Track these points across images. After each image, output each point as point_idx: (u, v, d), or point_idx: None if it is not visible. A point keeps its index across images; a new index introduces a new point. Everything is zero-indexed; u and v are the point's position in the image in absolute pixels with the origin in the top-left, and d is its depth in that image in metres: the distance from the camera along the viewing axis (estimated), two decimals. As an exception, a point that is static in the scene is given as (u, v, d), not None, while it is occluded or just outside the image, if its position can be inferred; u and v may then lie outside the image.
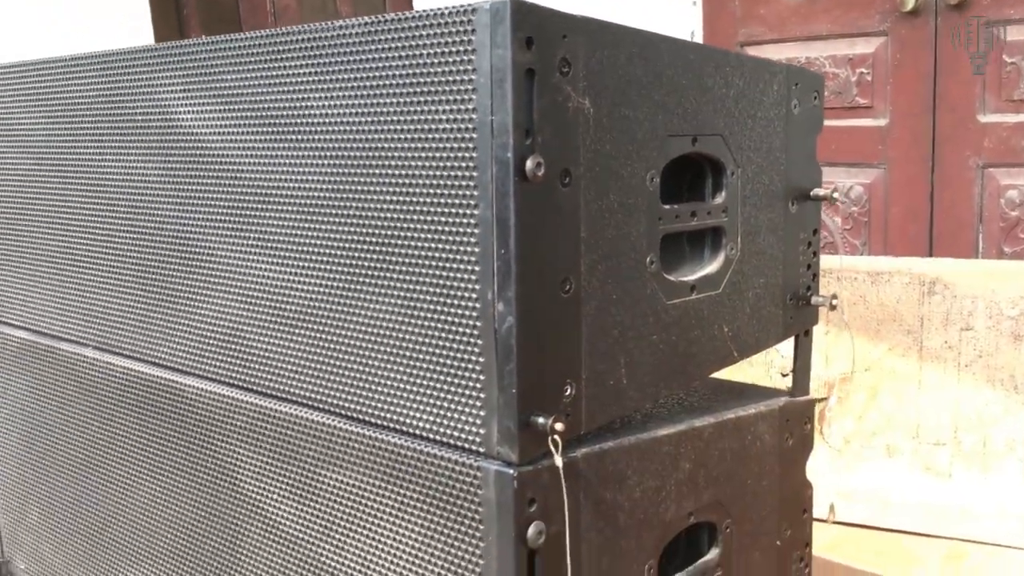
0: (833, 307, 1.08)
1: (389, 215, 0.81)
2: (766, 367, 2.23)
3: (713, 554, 0.98)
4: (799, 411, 1.08)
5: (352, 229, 0.84)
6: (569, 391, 0.79)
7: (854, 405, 2.16)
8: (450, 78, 0.74)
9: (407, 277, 0.80)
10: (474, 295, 0.75)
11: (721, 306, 0.96)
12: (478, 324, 0.76)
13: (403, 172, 0.79)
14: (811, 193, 1.06)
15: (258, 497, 0.99)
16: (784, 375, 2.18)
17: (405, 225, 0.79)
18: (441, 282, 0.78)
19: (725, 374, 1.12)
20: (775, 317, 1.04)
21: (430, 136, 0.76)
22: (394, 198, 0.80)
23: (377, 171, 0.81)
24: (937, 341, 2.05)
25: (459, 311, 0.77)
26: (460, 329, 0.77)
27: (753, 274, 1.00)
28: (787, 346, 1.11)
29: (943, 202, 2.34)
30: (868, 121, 2.41)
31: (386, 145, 0.80)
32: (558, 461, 0.76)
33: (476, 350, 0.76)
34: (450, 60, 0.74)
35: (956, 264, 2.10)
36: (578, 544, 0.80)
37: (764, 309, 1.02)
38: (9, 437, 1.39)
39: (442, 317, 0.78)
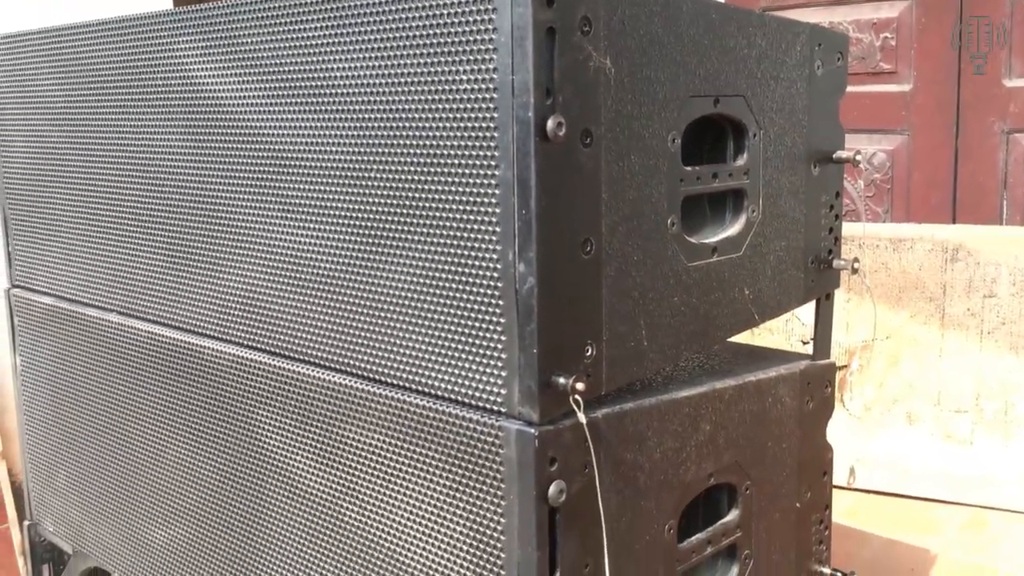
0: (855, 270, 1.07)
1: (409, 176, 0.81)
2: (787, 335, 2.22)
3: (733, 515, 0.98)
4: (820, 374, 1.07)
5: (373, 191, 0.84)
6: (590, 352, 0.79)
7: (875, 372, 2.15)
8: (470, 37, 0.74)
9: (428, 239, 0.80)
10: (495, 256, 0.76)
11: (742, 268, 0.96)
12: (499, 285, 0.76)
13: (423, 133, 0.79)
14: (833, 155, 1.05)
15: (281, 458, 1.00)
16: (805, 343, 2.18)
17: (425, 186, 0.80)
18: (462, 243, 0.78)
19: (746, 341, 1.12)
20: (796, 280, 1.04)
21: (450, 96, 0.76)
22: (414, 159, 0.80)
23: (397, 132, 0.81)
24: (959, 308, 2.04)
25: (480, 272, 0.77)
26: (481, 290, 0.77)
27: (774, 237, 0.99)
28: (807, 314, 1.11)
29: (967, 168, 2.31)
30: (892, 87, 2.38)
31: (406, 106, 0.80)
32: (581, 418, 0.76)
33: (497, 311, 0.76)
34: (470, 19, 0.74)
35: (979, 231, 2.08)
36: (598, 503, 0.81)
37: (785, 272, 1.02)
38: (35, 402, 1.41)
39: (463, 278, 0.78)
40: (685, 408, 0.90)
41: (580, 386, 0.75)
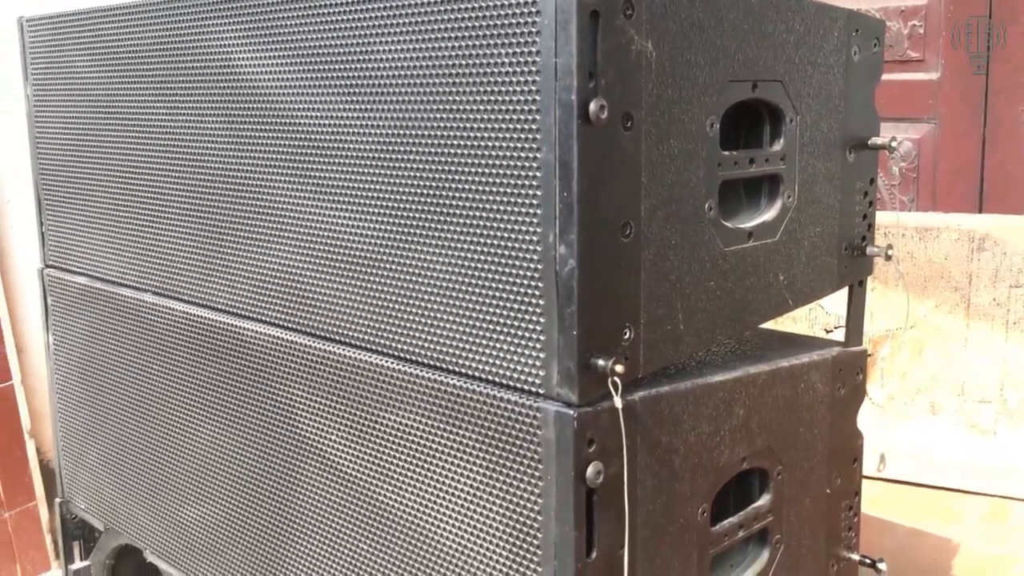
0: (888, 257, 1.07)
1: (451, 159, 0.81)
2: (810, 324, 2.22)
3: (764, 500, 0.99)
4: (851, 361, 1.08)
5: (413, 173, 0.85)
6: (628, 334, 0.80)
7: (899, 362, 2.15)
8: (514, 20, 0.74)
9: (468, 221, 0.81)
10: (535, 238, 0.76)
11: (777, 254, 0.96)
12: (539, 267, 0.76)
13: (466, 116, 0.79)
14: (869, 142, 1.05)
15: (316, 438, 1.01)
16: (828, 332, 2.17)
17: (467, 169, 0.80)
18: (503, 225, 0.78)
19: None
20: (830, 267, 1.04)
21: (493, 79, 0.76)
22: (456, 142, 0.80)
23: (439, 115, 0.81)
24: (985, 298, 2.03)
25: (520, 254, 0.77)
26: (521, 272, 0.78)
27: (809, 223, 0.99)
28: (831, 303, 1.11)
29: (994, 157, 2.30)
30: (919, 75, 2.37)
31: (449, 89, 0.80)
32: (618, 402, 0.77)
33: (537, 293, 0.77)
34: (514, 2, 0.74)
35: (1007, 220, 2.06)
36: (634, 485, 0.81)
37: (819, 258, 1.02)
38: (68, 381, 1.43)
39: (503, 260, 0.79)
40: (719, 392, 0.90)
41: (619, 368, 0.76)
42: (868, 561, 1.11)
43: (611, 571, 0.80)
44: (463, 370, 0.84)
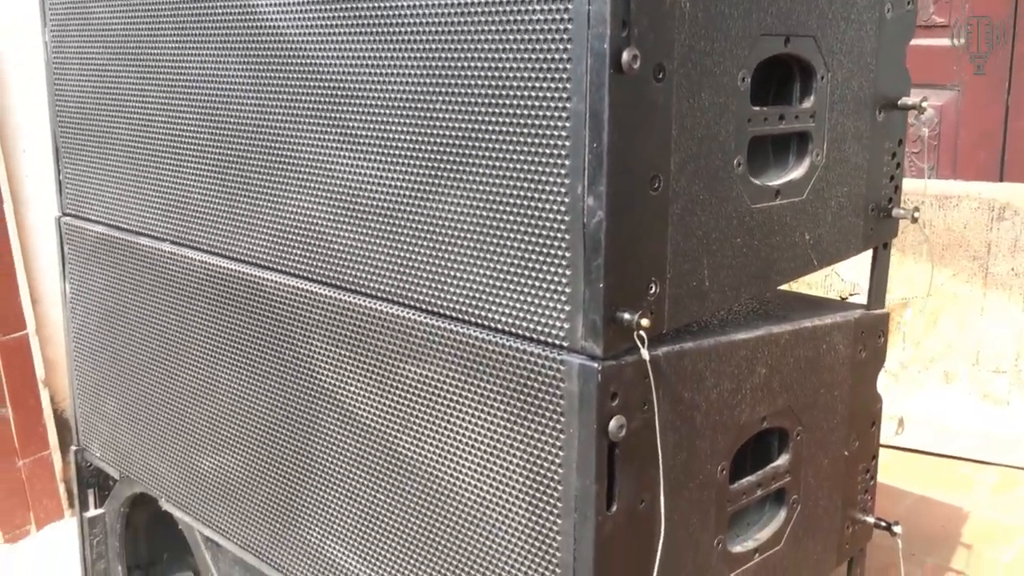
0: (915, 220, 1.06)
1: (477, 107, 0.80)
2: (824, 290, 2.21)
3: (783, 460, 0.99)
4: (874, 324, 1.07)
5: (442, 121, 0.84)
6: (654, 289, 0.79)
7: (913, 330, 2.14)
8: (547, -34, 0.73)
9: (494, 172, 0.80)
10: (563, 189, 0.75)
11: (803, 213, 0.95)
12: (566, 219, 0.75)
13: (496, 63, 0.78)
14: (899, 102, 1.03)
15: (335, 389, 1.01)
16: (843, 299, 2.16)
17: (494, 118, 0.79)
18: (530, 176, 0.77)
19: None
20: (856, 227, 1.03)
21: (524, 26, 0.75)
22: (483, 90, 0.79)
23: (467, 63, 0.80)
24: (1003, 267, 2.02)
25: (547, 205, 0.77)
26: (548, 223, 0.77)
27: (837, 182, 0.98)
28: (847, 270, 1.10)
29: (1017, 125, 2.27)
30: (943, 41, 2.33)
31: (480, 35, 0.79)
32: (645, 355, 0.77)
33: (563, 245, 0.76)
34: (548, -53, 0.72)
35: (1028, 189, 2.05)
36: (656, 440, 0.81)
37: (845, 218, 1.01)
38: (85, 329, 1.43)
39: (529, 212, 0.78)
40: (742, 350, 0.90)
41: (645, 322, 0.75)
42: (884, 524, 1.11)
43: (631, 525, 0.80)
44: (487, 323, 0.84)
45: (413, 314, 0.90)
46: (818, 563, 1.06)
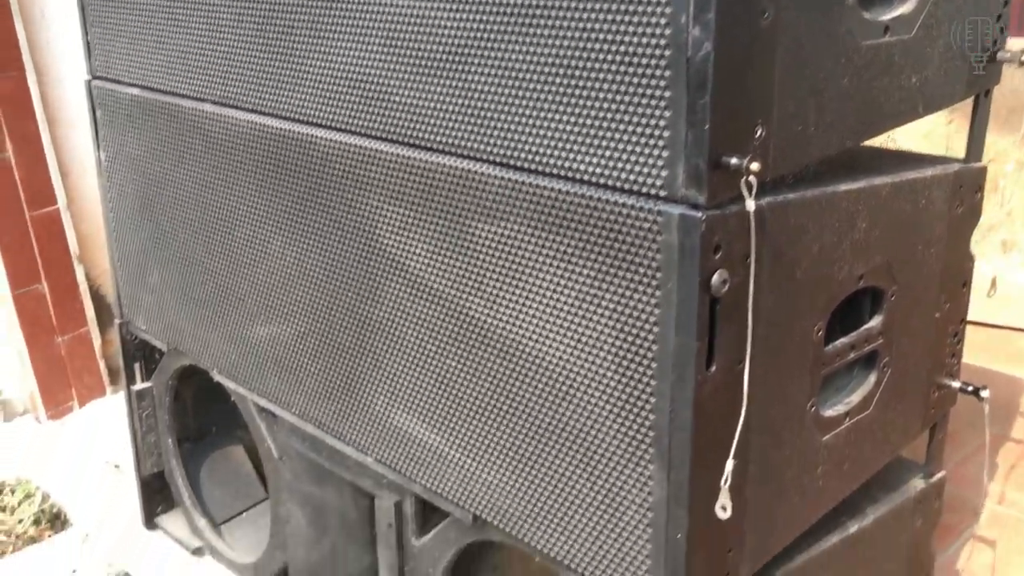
0: (1022, 63, 0.97)
1: (565, -70, 0.72)
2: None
3: (876, 321, 0.93)
4: (972, 177, 1.00)
5: (521, -52, 0.75)
6: (760, 132, 0.72)
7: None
8: None
9: (584, 1, 0.72)
10: (664, 20, 0.67)
11: (911, 53, 0.86)
12: (667, 53, 0.68)
13: None
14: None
15: (399, 253, 0.95)
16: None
17: (584, -59, 0.71)
18: (623, 6, 0.69)
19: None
20: (960, 72, 0.94)
21: None
22: (572, -91, 0.71)
23: None
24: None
25: (644, 38, 0.69)
26: (644, 59, 0.69)
27: (946, 19, 0.89)
28: (903, 137, 1.02)
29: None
30: None
31: None
32: (750, 205, 0.70)
33: (663, 83, 0.69)
34: None
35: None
36: (758, 296, 0.75)
37: (952, 61, 0.92)
38: (123, 199, 1.37)
39: (622, 46, 0.70)
40: (844, 203, 0.83)
41: (755, 167, 0.69)
42: (970, 388, 1.06)
43: (730, 386, 0.76)
44: (572, 174, 0.77)
45: (484, 168, 0.84)
46: (905, 428, 1.01)
